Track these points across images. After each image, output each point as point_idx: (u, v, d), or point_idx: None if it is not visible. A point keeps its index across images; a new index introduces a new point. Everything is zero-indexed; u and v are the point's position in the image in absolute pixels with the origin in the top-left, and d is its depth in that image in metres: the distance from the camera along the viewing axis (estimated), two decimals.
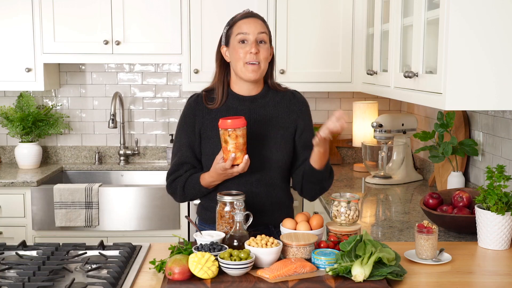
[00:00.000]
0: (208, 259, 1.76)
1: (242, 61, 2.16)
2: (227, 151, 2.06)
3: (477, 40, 1.97)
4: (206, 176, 2.18)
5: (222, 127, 2.06)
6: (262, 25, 2.20)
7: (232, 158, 2.06)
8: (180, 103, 4.10)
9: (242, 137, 2.06)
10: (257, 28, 2.18)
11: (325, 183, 2.24)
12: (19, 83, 3.68)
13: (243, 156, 2.08)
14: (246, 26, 2.18)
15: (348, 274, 1.76)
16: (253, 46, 2.15)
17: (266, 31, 2.20)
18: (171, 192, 2.28)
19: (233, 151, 2.05)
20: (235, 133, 2.04)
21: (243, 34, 2.17)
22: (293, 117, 2.26)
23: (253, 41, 2.16)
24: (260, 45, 2.18)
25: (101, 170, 3.95)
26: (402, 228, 2.48)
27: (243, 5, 3.53)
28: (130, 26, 3.64)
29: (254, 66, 2.16)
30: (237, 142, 2.05)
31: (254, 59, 2.15)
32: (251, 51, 2.15)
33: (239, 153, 2.06)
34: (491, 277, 1.86)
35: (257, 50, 2.15)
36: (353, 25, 3.62)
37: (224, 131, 2.06)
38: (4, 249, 2.07)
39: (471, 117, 2.89)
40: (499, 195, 2.07)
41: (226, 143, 2.06)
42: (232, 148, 2.05)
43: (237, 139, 2.05)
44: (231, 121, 2.04)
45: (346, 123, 2.02)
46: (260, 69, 2.18)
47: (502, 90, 2.00)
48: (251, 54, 2.15)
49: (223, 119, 2.06)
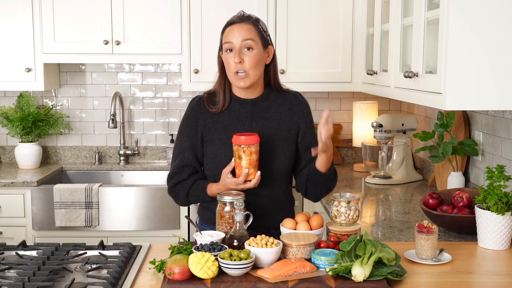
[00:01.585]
0: (208, 259, 1.76)
1: (232, 70, 2.15)
2: (240, 166, 2.08)
3: (477, 40, 1.97)
4: (214, 188, 2.18)
5: (236, 143, 2.07)
6: (248, 31, 2.14)
7: (245, 174, 2.07)
8: (180, 103, 4.10)
9: (255, 153, 2.07)
10: (241, 36, 2.13)
11: (330, 184, 2.25)
12: (19, 83, 3.68)
13: (256, 172, 2.09)
14: (231, 34, 2.15)
15: (348, 274, 1.76)
16: (236, 56, 2.12)
17: (253, 36, 2.14)
18: (174, 195, 2.28)
19: (246, 167, 2.07)
20: (250, 150, 2.06)
21: (228, 43, 2.15)
22: (295, 119, 2.26)
23: (237, 50, 2.13)
24: (245, 53, 2.13)
25: (101, 170, 3.95)
26: (402, 228, 2.48)
27: (243, 5, 3.53)
28: (130, 26, 3.64)
29: (241, 74, 2.14)
30: (250, 159, 2.06)
31: (239, 68, 2.13)
32: (235, 61, 2.12)
33: (252, 169, 2.08)
34: (491, 277, 1.86)
35: (240, 60, 2.12)
36: (353, 25, 3.62)
37: (238, 147, 2.06)
38: (4, 249, 2.07)
39: (471, 117, 2.89)
40: (499, 195, 2.07)
41: (239, 158, 2.07)
42: (245, 164, 2.07)
43: (251, 155, 2.06)
44: (245, 138, 2.05)
45: (332, 121, 2.00)
46: (249, 77, 2.14)
47: (502, 90, 2.00)
48: (235, 64, 2.13)
49: (236, 135, 2.07)
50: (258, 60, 2.15)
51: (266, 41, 2.20)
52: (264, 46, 2.18)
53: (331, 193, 2.56)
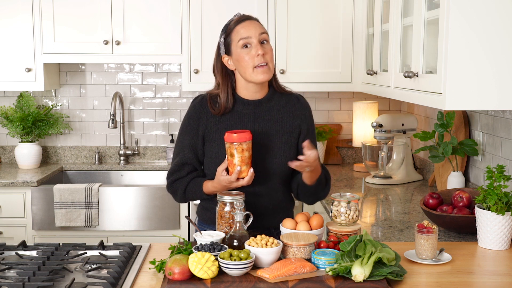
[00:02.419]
0: (208, 259, 1.76)
1: (251, 65, 2.14)
2: (233, 164, 2.07)
3: (477, 40, 1.97)
4: (209, 185, 2.18)
5: (228, 141, 2.06)
6: (260, 26, 2.18)
7: (238, 172, 2.06)
8: (180, 103, 4.10)
9: (247, 150, 2.07)
10: (257, 30, 2.16)
11: (320, 193, 2.26)
12: (19, 83, 3.68)
13: (249, 170, 2.09)
14: (245, 30, 2.15)
15: (348, 274, 1.76)
16: (259, 48, 2.13)
17: (265, 30, 2.19)
18: (172, 192, 2.29)
19: (239, 165, 2.06)
20: (241, 147, 2.05)
21: (244, 39, 2.14)
22: (297, 122, 2.26)
23: (257, 43, 2.14)
24: (264, 46, 2.16)
25: (101, 170, 3.95)
26: (402, 228, 2.48)
27: (243, 5, 3.53)
28: (130, 26, 3.64)
29: (263, 67, 2.14)
30: (242, 156, 2.06)
31: (262, 60, 2.13)
32: (258, 53, 2.12)
33: (244, 166, 2.07)
34: (491, 277, 1.86)
35: (263, 51, 2.14)
36: (353, 25, 3.62)
37: (230, 145, 2.06)
38: (4, 249, 2.07)
39: (471, 117, 2.89)
40: (499, 195, 2.07)
41: (231, 156, 2.06)
42: (237, 161, 2.06)
43: (242, 152, 2.06)
44: (237, 135, 2.04)
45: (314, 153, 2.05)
46: (270, 69, 2.17)
47: (502, 90, 2.00)
48: (259, 56, 2.12)
49: (228, 133, 2.06)
50: (273, 53, 2.20)
51: None
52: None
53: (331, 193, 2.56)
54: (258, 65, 2.13)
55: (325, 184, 2.25)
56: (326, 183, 2.26)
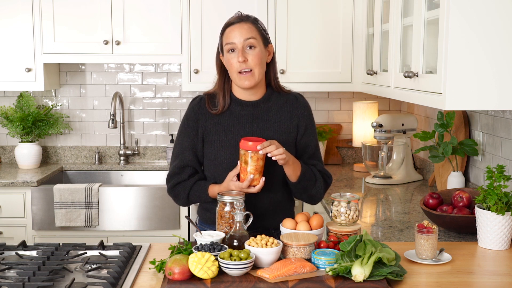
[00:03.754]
0: (208, 259, 1.76)
1: (235, 70, 2.14)
2: (246, 171, 2.07)
3: (477, 40, 1.97)
4: (216, 189, 2.17)
5: (243, 148, 2.06)
6: (249, 30, 2.14)
7: (250, 179, 2.07)
8: (180, 103, 4.10)
9: (262, 159, 2.07)
10: (242, 35, 2.13)
11: (311, 190, 2.23)
12: (19, 83, 3.68)
13: (260, 178, 2.09)
14: (232, 34, 2.14)
15: (348, 274, 1.76)
16: (240, 55, 2.12)
17: (254, 34, 2.14)
18: (174, 196, 2.27)
19: (252, 173, 2.07)
20: (256, 156, 2.05)
21: (230, 44, 2.14)
22: (295, 122, 2.25)
23: (240, 49, 2.13)
24: (248, 52, 2.13)
25: (101, 170, 3.95)
26: (402, 228, 2.48)
27: (243, 5, 3.53)
28: (130, 26, 3.64)
29: (246, 74, 2.14)
30: (257, 165, 2.06)
31: (244, 67, 2.13)
32: (238, 60, 2.12)
33: (257, 175, 2.08)
34: (491, 277, 1.86)
35: (244, 58, 2.12)
36: (353, 25, 3.62)
37: (245, 152, 2.06)
38: (4, 249, 2.07)
39: (471, 117, 2.89)
40: (499, 195, 2.07)
41: (246, 164, 2.07)
42: (251, 170, 2.06)
43: (257, 161, 2.06)
44: (253, 144, 2.04)
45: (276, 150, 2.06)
46: (254, 75, 2.14)
47: (502, 90, 2.00)
48: (240, 63, 2.12)
49: (244, 140, 2.06)
50: (261, 57, 2.15)
51: (266, 40, 2.20)
52: (264, 44, 2.19)
53: (331, 193, 2.56)
54: (241, 71, 2.13)
55: (315, 181, 2.22)
56: (316, 180, 2.23)
